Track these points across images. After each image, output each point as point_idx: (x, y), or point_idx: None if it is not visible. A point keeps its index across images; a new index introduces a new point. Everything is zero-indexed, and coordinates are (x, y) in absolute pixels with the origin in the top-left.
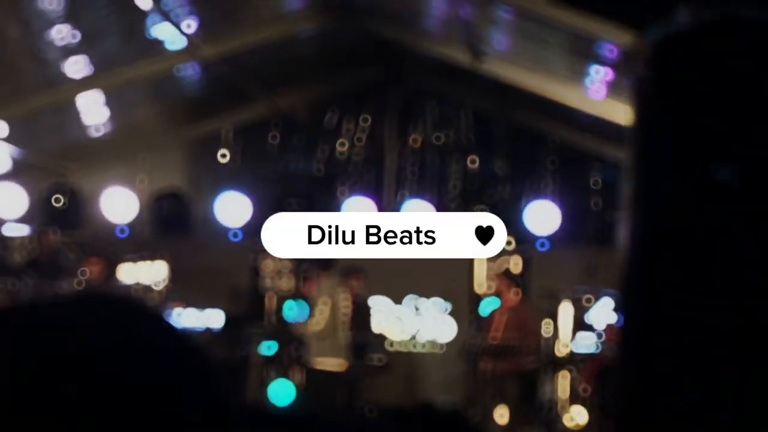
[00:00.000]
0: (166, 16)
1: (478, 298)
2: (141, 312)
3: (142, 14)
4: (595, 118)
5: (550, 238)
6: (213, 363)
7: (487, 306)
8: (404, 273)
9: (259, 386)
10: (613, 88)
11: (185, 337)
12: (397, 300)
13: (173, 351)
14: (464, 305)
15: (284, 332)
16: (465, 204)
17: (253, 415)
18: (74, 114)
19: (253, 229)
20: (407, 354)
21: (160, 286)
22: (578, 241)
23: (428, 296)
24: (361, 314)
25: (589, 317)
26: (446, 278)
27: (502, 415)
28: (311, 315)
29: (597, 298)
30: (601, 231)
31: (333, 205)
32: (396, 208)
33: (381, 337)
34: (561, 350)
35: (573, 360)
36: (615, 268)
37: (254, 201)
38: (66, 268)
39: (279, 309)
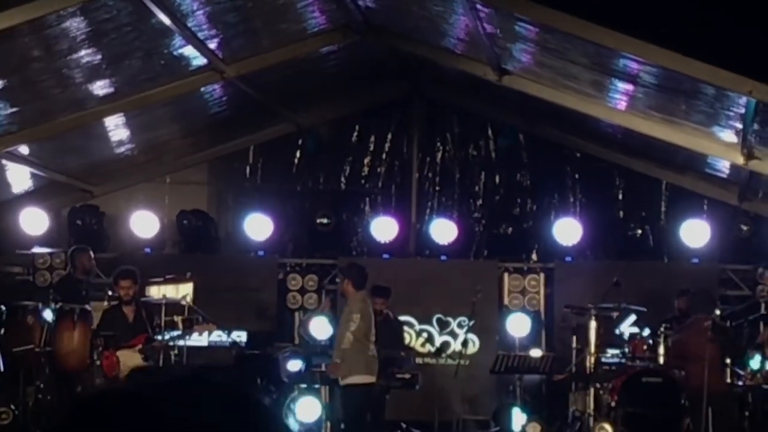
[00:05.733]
0: (189, 36)
1: (508, 313)
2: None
3: (166, 34)
4: (617, 130)
5: (574, 251)
6: None
7: (516, 320)
8: (431, 290)
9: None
10: (634, 101)
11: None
12: (424, 316)
13: None
14: (493, 320)
15: (311, 348)
16: (490, 222)
17: None
18: (99, 134)
19: (279, 245)
20: (433, 367)
21: (187, 303)
22: (602, 254)
23: (454, 312)
24: (391, 330)
25: (616, 331)
26: (473, 295)
27: (533, 428)
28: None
29: (623, 312)
30: (625, 244)
31: (359, 224)
32: (423, 227)
33: (408, 352)
34: (589, 364)
35: (601, 373)
36: (639, 281)
37: (279, 218)
38: (93, 288)
39: (306, 325)
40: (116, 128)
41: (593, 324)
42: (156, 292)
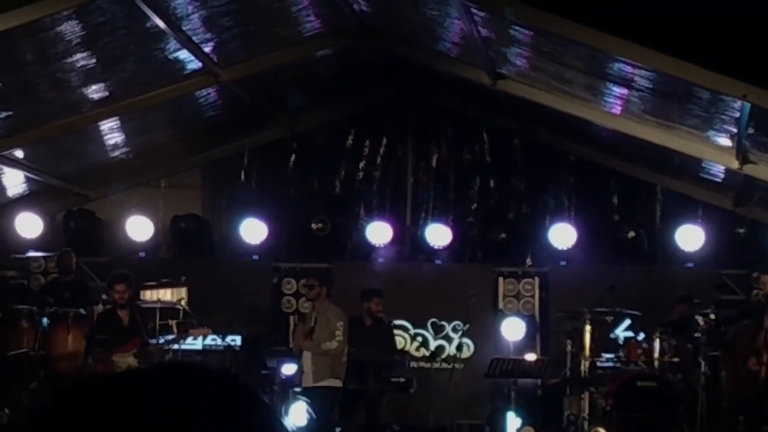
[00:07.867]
0: (184, 40)
1: (502, 317)
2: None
3: (161, 38)
4: (612, 134)
5: (569, 255)
6: None
7: (511, 324)
8: (425, 294)
9: (279, 405)
10: (629, 105)
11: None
12: (418, 320)
13: None
14: (487, 324)
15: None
16: (485, 226)
17: None
18: (93, 138)
19: (273, 249)
20: (428, 371)
21: (182, 307)
22: (597, 258)
23: (449, 316)
24: (383, 334)
25: (611, 335)
26: (467, 299)
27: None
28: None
29: (617, 317)
30: (620, 248)
31: (354, 228)
32: (417, 231)
33: (403, 356)
34: (584, 368)
35: (595, 377)
36: (634, 285)
37: (274, 222)
38: (89, 291)
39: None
40: (111, 132)
41: (588, 328)
42: (151, 296)
